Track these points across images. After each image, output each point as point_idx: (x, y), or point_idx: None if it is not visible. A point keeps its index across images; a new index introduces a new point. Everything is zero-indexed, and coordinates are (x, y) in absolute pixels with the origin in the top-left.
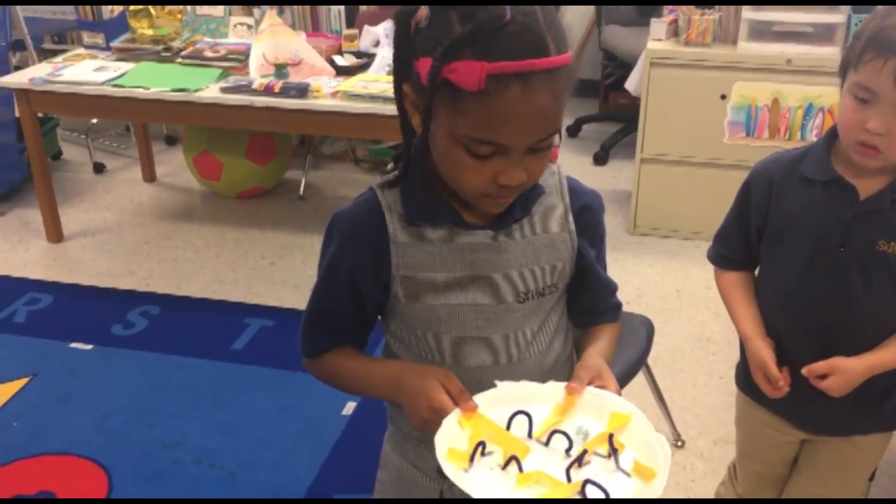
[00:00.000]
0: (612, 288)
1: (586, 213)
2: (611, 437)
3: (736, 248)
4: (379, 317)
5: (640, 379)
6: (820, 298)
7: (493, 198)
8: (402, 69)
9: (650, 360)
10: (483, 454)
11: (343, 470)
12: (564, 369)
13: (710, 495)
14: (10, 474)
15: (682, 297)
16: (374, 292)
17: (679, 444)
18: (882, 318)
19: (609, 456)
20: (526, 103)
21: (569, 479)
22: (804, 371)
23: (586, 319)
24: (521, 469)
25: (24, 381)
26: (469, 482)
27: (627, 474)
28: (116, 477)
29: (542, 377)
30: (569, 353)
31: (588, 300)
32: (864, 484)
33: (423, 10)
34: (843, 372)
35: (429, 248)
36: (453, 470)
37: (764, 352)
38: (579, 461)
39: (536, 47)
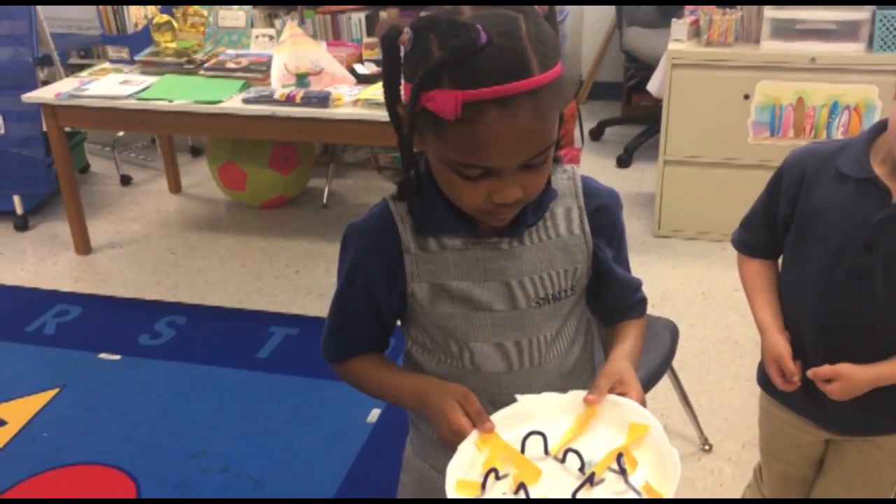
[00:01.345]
0: (634, 285)
1: (602, 213)
2: (619, 456)
3: (761, 235)
4: (399, 322)
5: (665, 383)
6: (840, 298)
7: (492, 214)
8: (393, 91)
9: (676, 363)
10: (497, 478)
11: (368, 477)
12: (585, 371)
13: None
14: (39, 484)
15: (708, 300)
16: (390, 302)
17: (707, 448)
18: None
19: (620, 473)
20: (506, 127)
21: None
22: (809, 374)
23: (612, 318)
24: (527, 495)
25: (53, 391)
26: None
27: (638, 493)
28: (144, 486)
29: (563, 380)
30: (589, 355)
31: (610, 300)
32: (892, 486)
33: (407, 34)
34: (847, 379)
35: (443, 257)
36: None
37: (780, 345)
38: (591, 481)
39: (514, 70)
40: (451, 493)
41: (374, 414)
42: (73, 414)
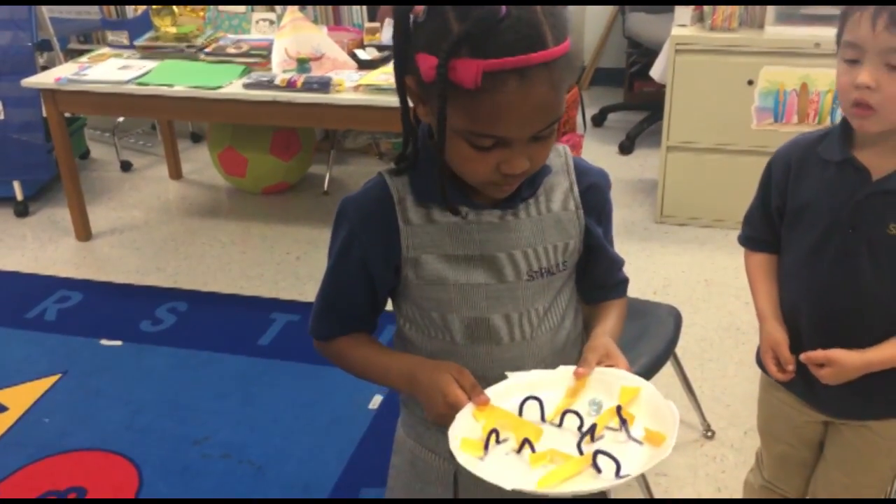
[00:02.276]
0: (619, 264)
1: (593, 191)
2: (619, 408)
3: (760, 229)
4: (390, 300)
5: (668, 369)
6: (829, 281)
7: (497, 185)
8: (402, 62)
9: (679, 350)
10: (498, 442)
11: (370, 463)
12: (575, 347)
13: (741, 486)
14: (41, 470)
15: (710, 287)
16: (385, 276)
17: (709, 434)
18: (892, 305)
19: (619, 428)
20: (524, 97)
21: (580, 453)
22: (802, 357)
23: (596, 296)
24: (533, 450)
25: (55, 378)
26: (483, 468)
27: (640, 442)
28: (146, 472)
29: (554, 355)
30: (579, 332)
31: (597, 277)
32: (891, 471)
33: (422, 5)
34: (838, 365)
35: (438, 229)
36: (467, 458)
37: (778, 333)
38: (591, 436)
39: (533, 41)
40: (455, 452)
41: (376, 400)
42: (74, 400)
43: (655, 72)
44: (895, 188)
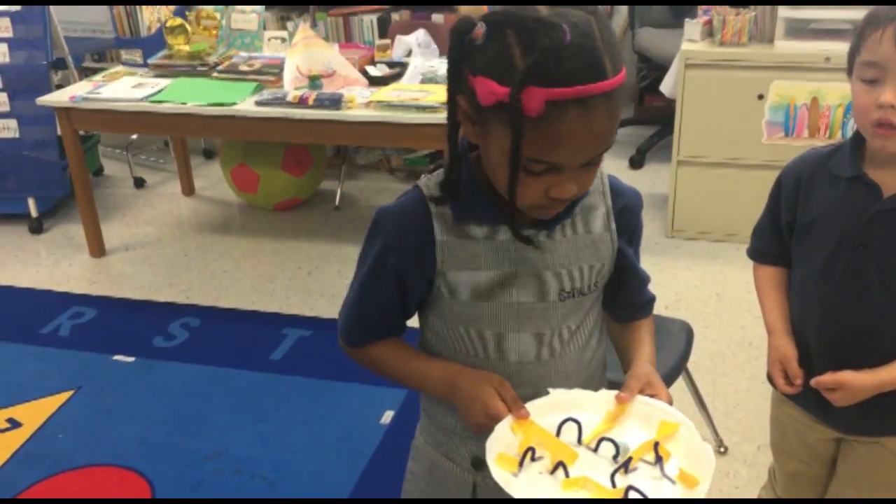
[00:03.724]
0: (647, 281)
1: (626, 212)
2: (656, 444)
3: (769, 243)
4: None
5: (680, 384)
6: (839, 297)
7: (544, 208)
8: (456, 81)
9: (691, 365)
10: (533, 459)
11: (382, 478)
12: (599, 366)
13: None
14: (54, 486)
15: (722, 301)
16: (418, 287)
17: (722, 450)
18: None
19: (655, 463)
20: (583, 126)
21: (613, 485)
22: (812, 383)
23: (626, 315)
24: (567, 474)
25: (68, 393)
26: (516, 485)
27: (672, 481)
28: (159, 487)
29: (581, 373)
30: (603, 350)
31: (627, 296)
32: None
33: (481, 28)
34: (848, 387)
35: (473, 246)
36: (501, 474)
37: (786, 348)
38: (625, 467)
39: (594, 71)
40: (491, 466)
41: (388, 415)
42: (87, 416)
43: (665, 86)
44: None
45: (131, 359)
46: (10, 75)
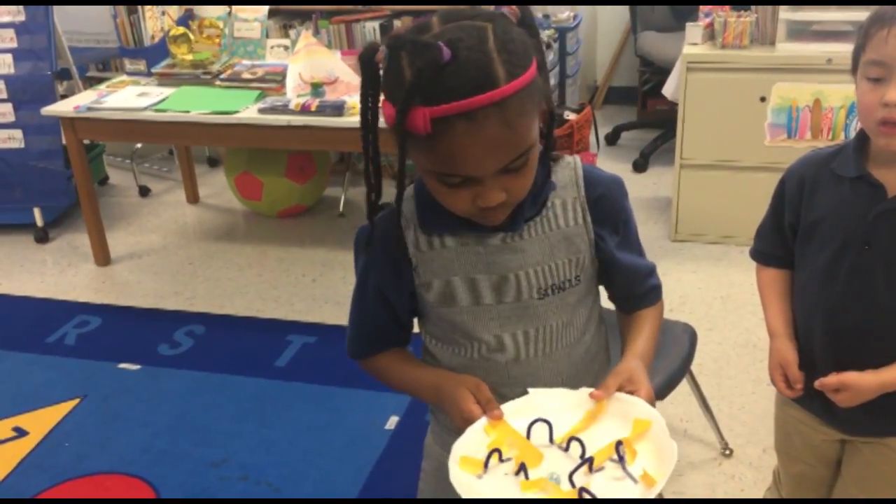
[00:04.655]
0: (646, 270)
1: (603, 201)
2: (618, 444)
3: (772, 244)
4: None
5: (685, 387)
6: (844, 298)
7: (481, 217)
8: (368, 109)
9: (695, 367)
10: (501, 460)
11: (387, 484)
12: (597, 361)
13: None
14: (61, 494)
15: (726, 304)
16: (401, 301)
17: (727, 452)
18: None
19: (618, 462)
20: (473, 138)
21: (572, 485)
22: (816, 384)
23: (627, 305)
24: (527, 476)
25: (74, 402)
26: (476, 488)
27: (635, 480)
28: (165, 494)
29: (573, 368)
30: (602, 345)
31: (621, 287)
32: None
33: (382, 52)
34: (852, 388)
35: (447, 255)
36: (461, 476)
37: (787, 352)
38: (590, 467)
39: (479, 83)
40: (453, 469)
41: (393, 421)
42: (93, 424)
43: (668, 90)
44: None
45: (137, 367)
46: (15, 86)
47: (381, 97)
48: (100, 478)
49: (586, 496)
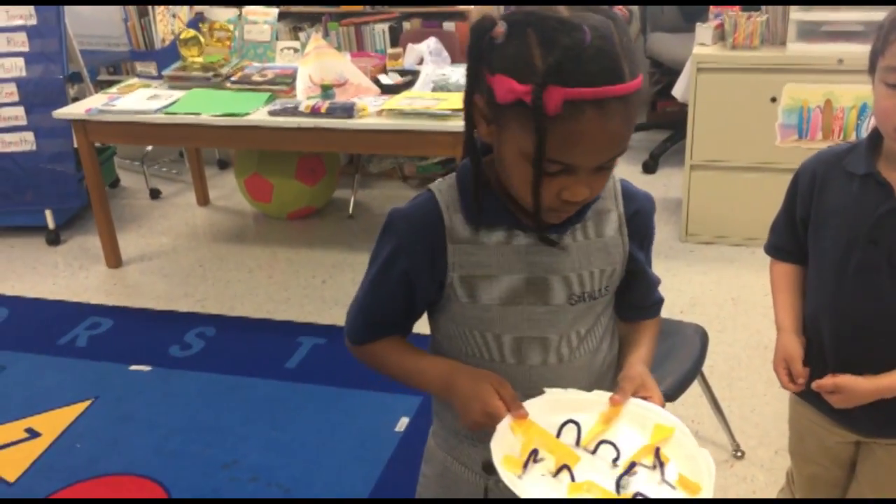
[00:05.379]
0: (656, 284)
1: (638, 217)
2: (657, 449)
3: (785, 238)
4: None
5: (696, 389)
6: (852, 296)
7: (555, 211)
8: (474, 80)
9: (706, 369)
10: (535, 461)
11: (397, 485)
12: (612, 369)
13: None
14: (73, 495)
15: (738, 305)
16: (427, 290)
17: (739, 454)
18: None
19: (654, 468)
20: (599, 128)
21: (618, 490)
22: (814, 386)
23: (632, 315)
24: (573, 478)
25: (86, 403)
26: (524, 488)
27: (672, 487)
28: (176, 495)
29: (592, 377)
30: (615, 354)
31: (636, 299)
32: None
33: (501, 27)
34: (847, 392)
35: (485, 250)
36: (510, 477)
37: (792, 347)
38: (627, 472)
39: (612, 73)
40: (499, 468)
41: (403, 423)
42: (105, 425)
43: (678, 91)
44: None
45: (148, 368)
46: (27, 89)
47: (490, 73)
48: (112, 479)
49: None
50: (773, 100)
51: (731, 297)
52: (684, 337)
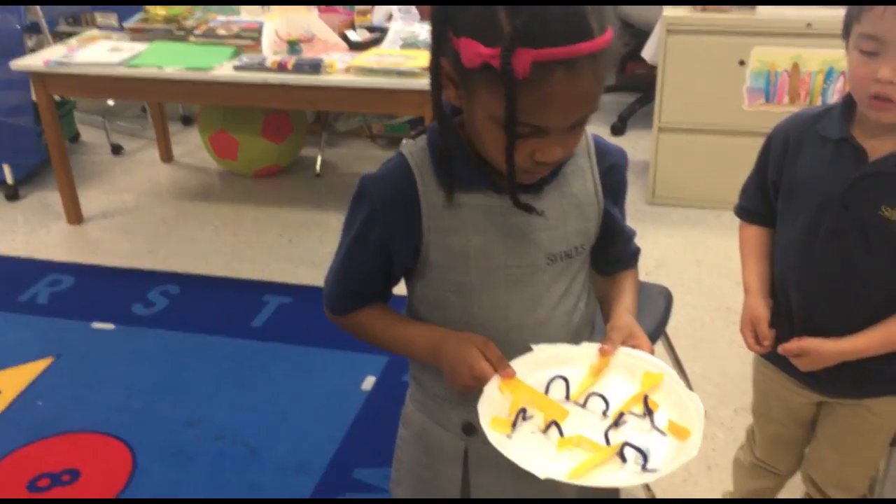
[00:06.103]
0: (631, 235)
1: (612, 172)
2: (645, 397)
3: (755, 201)
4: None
5: (659, 349)
6: (821, 257)
7: (528, 172)
8: (439, 43)
9: (670, 330)
10: (524, 419)
11: (363, 444)
12: (587, 328)
13: (731, 464)
14: (35, 452)
15: (702, 267)
16: (403, 256)
17: None
18: (881, 286)
19: (644, 416)
20: (570, 88)
21: (607, 442)
22: (780, 350)
23: (611, 268)
24: (561, 433)
25: (47, 361)
26: (511, 447)
27: (663, 433)
28: (140, 454)
29: (569, 336)
30: (591, 312)
31: (614, 253)
32: (884, 449)
33: None
34: (813, 355)
35: (460, 212)
36: (498, 438)
37: (759, 309)
38: (616, 423)
39: (580, 31)
40: (486, 430)
41: (369, 381)
42: (67, 383)
43: (647, 53)
44: (890, 170)
45: (111, 326)
46: None
47: (455, 36)
48: (75, 436)
49: (630, 449)
50: (742, 63)
51: (696, 259)
52: (649, 297)
